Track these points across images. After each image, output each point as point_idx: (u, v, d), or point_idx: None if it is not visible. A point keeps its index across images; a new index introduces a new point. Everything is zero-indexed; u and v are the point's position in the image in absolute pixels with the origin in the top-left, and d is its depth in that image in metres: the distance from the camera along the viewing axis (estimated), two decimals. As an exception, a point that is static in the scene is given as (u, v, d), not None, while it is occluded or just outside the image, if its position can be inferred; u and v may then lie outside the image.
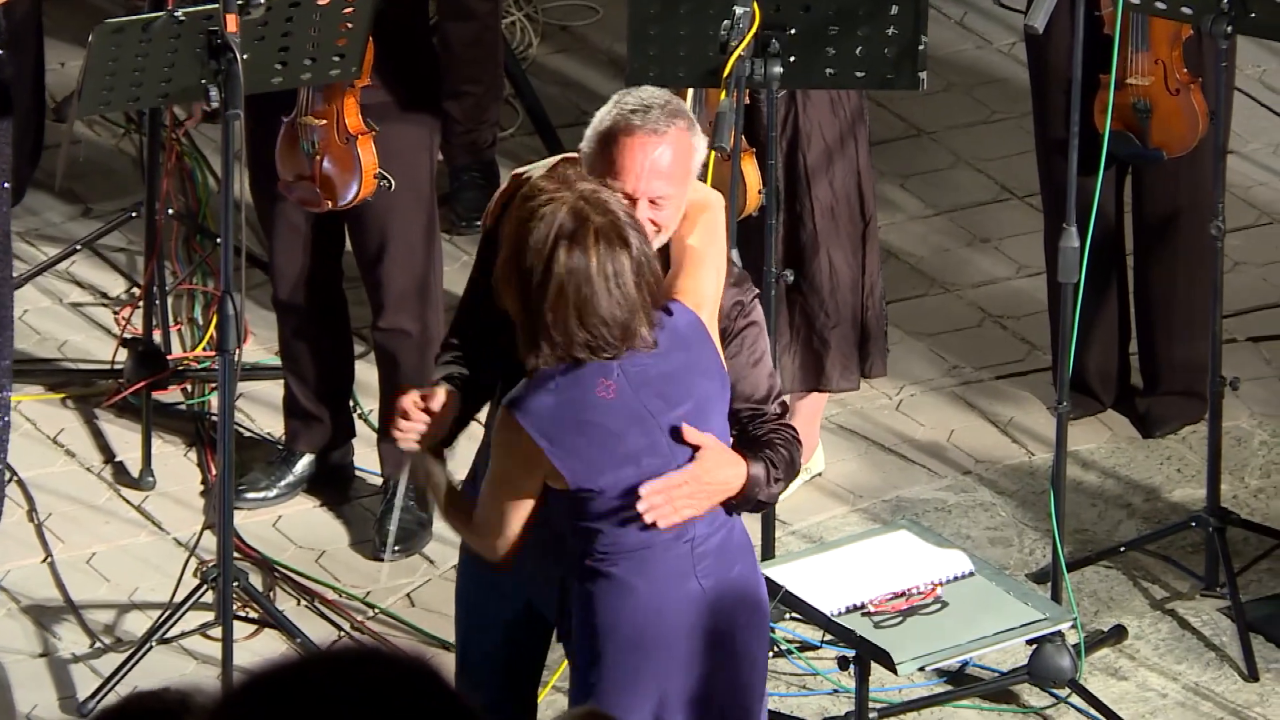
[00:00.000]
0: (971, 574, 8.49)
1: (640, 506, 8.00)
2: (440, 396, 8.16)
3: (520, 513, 8.05)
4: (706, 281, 8.32)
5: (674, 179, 8.25)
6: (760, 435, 8.24)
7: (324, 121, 9.27)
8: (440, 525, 9.59)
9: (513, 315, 7.94)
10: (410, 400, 8.14)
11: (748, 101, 9.15)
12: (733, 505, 8.29)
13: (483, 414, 8.23)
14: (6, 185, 9.43)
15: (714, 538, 8.30)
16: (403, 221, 9.59)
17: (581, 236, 7.76)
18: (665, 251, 8.64)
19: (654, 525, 8.11)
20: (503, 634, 8.57)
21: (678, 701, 8.21)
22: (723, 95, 8.96)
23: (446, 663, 7.75)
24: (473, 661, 8.61)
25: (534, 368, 7.98)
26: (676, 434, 8.12)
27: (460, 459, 8.62)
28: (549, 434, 7.91)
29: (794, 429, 8.19)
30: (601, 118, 8.42)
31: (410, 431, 8.09)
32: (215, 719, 3.69)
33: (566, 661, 8.49)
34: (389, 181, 9.21)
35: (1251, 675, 9.36)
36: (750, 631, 8.42)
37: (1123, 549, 9.68)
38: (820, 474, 9.84)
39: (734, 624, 8.38)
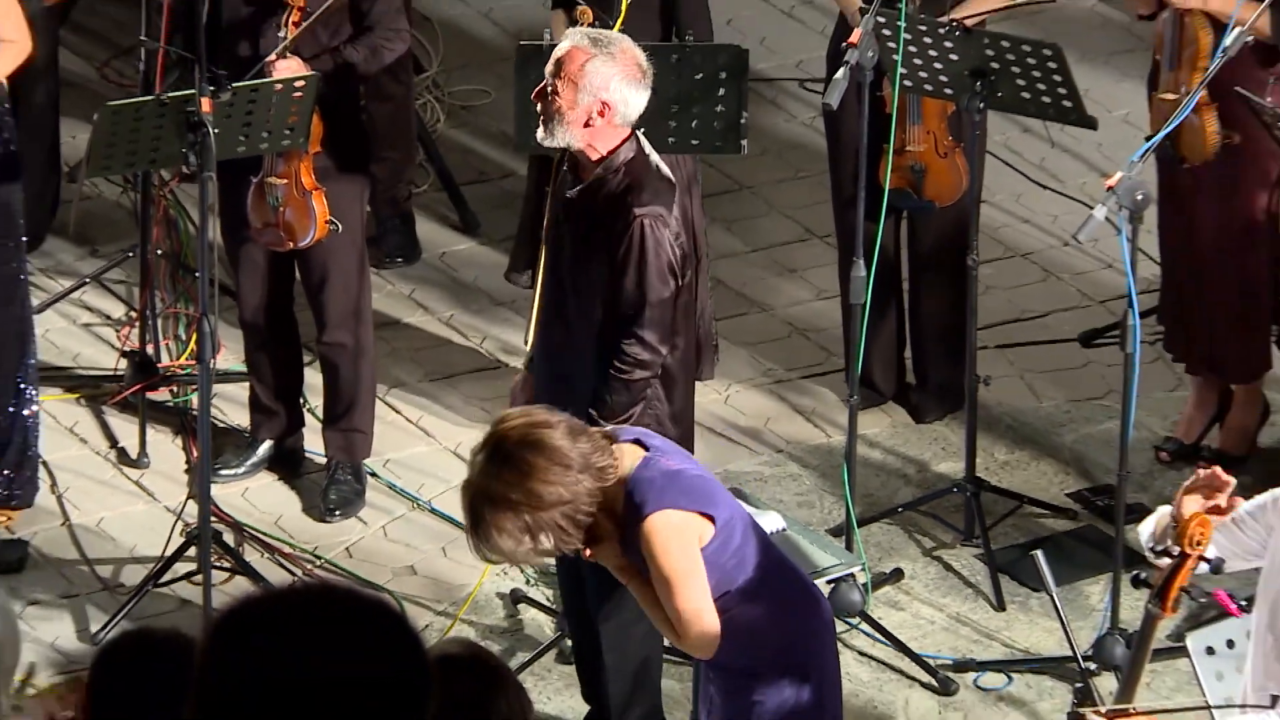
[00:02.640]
0: (784, 530, 8.51)
1: None
2: None
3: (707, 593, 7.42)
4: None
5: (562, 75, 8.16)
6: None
7: (285, 180, 9.22)
8: (372, 494, 9.78)
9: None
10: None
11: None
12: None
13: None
14: (24, 239, 9.48)
15: None
16: (341, 258, 9.53)
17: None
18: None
19: None
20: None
21: None
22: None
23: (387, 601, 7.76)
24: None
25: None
26: None
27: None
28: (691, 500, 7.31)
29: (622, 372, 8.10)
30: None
31: None
32: (213, 633, 3.56)
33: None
34: (337, 225, 9.19)
35: (1000, 606, 9.42)
36: None
37: (900, 509, 9.74)
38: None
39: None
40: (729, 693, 7.69)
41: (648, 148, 8.43)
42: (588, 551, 7.31)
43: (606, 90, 8.06)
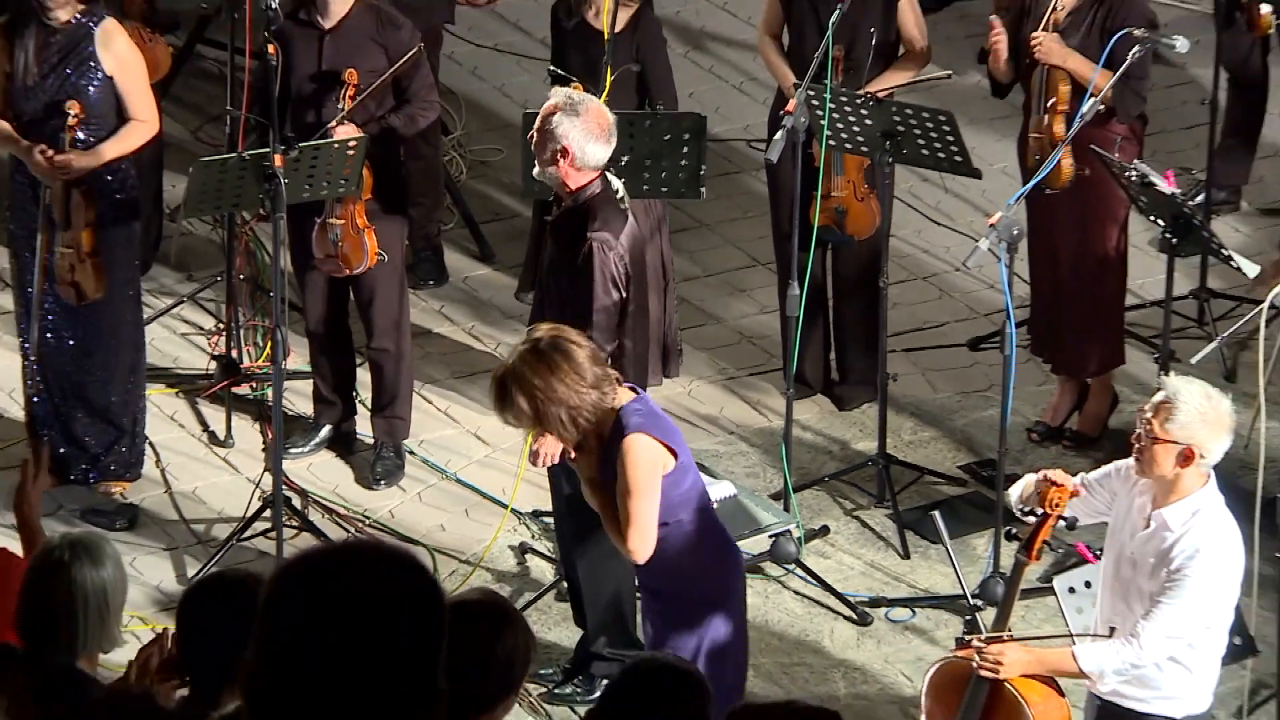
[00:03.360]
0: (735, 495, 8.64)
1: None
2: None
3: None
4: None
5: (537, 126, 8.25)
6: None
7: (342, 221, 9.20)
8: (410, 468, 9.77)
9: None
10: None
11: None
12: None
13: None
14: (138, 272, 9.52)
15: None
16: (385, 282, 9.48)
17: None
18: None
19: None
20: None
21: None
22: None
23: (421, 554, 7.83)
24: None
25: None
26: None
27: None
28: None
29: None
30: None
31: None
32: (278, 578, 3.53)
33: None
34: (384, 256, 9.19)
35: (905, 555, 9.42)
36: None
37: (826, 479, 9.73)
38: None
39: None
40: (659, 618, 7.69)
41: (616, 185, 8.44)
42: (574, 454, 7.39)
43: (567, 139, 8.10)
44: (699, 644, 7.50)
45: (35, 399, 9.33)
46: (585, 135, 8.16)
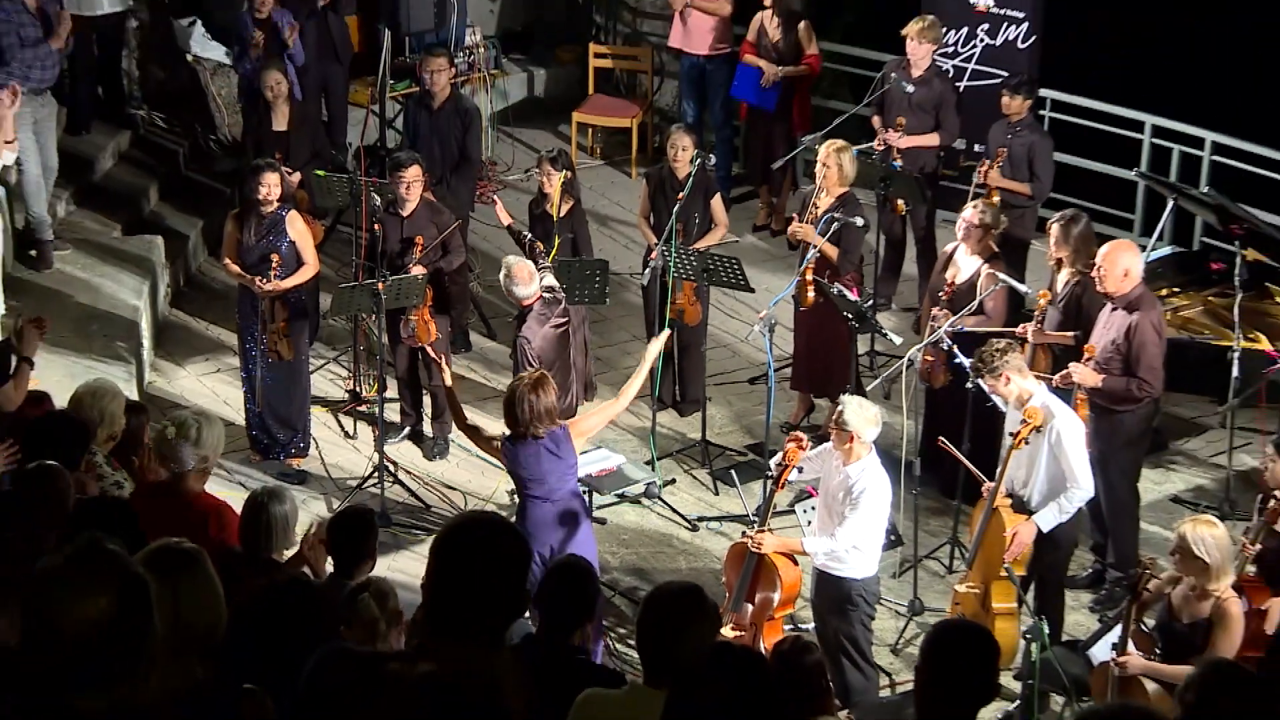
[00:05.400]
0: (622, 463, 8.65)
1: None
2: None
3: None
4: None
5: None
6: None
7: (415, 318, 9.15)
8: (452, 450, 9.57)
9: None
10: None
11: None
12: None
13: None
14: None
15: None
16: (440, 349, 9.31)
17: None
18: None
19: None
20: None
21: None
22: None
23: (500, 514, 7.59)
24: None
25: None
26: None
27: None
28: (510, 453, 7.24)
29: None
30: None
31: None
32: (444, 532, 3.39)
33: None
34: (439, 338, 9.12)
35: (716, 493, 9.28)
36: None
37: (674, 453, 9.55)
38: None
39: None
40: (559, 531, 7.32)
41: (553, 284, 8.68)
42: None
43: (507, 285, 8.45)
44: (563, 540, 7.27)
45: (250, 413, 9.29)
46: (514, 281, 8.47)
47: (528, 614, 5.22)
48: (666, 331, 8.63)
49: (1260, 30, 12.31)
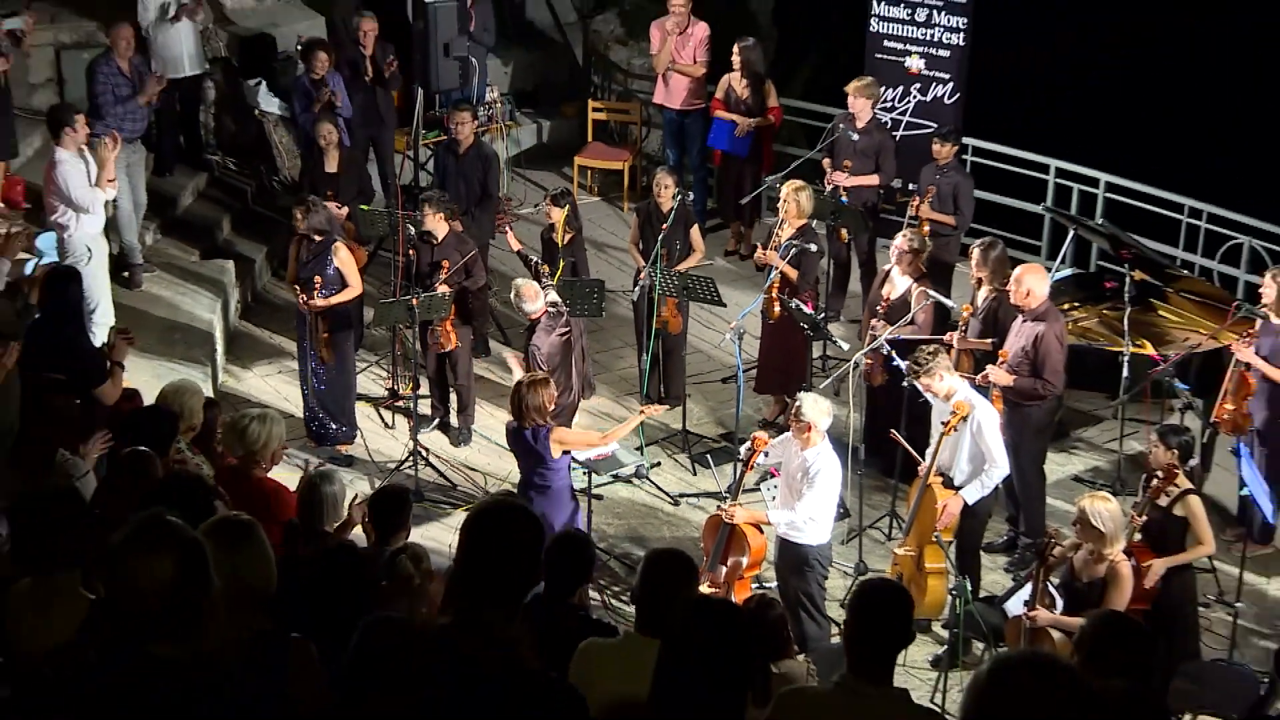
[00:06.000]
0: (616, 449, 8.43)
1: None
2: None
3: None
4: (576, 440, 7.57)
5: None
6: None
7: (441, 327, 9.12)
8: (475, 439, 9.53)
9: None
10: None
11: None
12: None
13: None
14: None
15: None
16: (462, 355, 9.35)
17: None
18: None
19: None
20: None
21: None
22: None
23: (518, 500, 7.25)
24: None
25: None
26: None
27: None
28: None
29: None
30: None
31: None
32: (473, 514, 3.28)
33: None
34: (460, 345, 9.13)
35: (694, 473, 9.15)
36: None
37: (659, 441, 9.50)
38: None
39: None
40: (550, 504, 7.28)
41: (555, 299, 8.64)
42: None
43: (517, 299, 8.43)
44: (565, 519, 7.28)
45: (307, 406, 9.24)
46: (523, 300, 8.48)
47: None
48: (648, 409, 8.15)
49: (1142, 87, 13.04)
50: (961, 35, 10.91)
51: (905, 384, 7.83)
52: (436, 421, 9.63)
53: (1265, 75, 12.89)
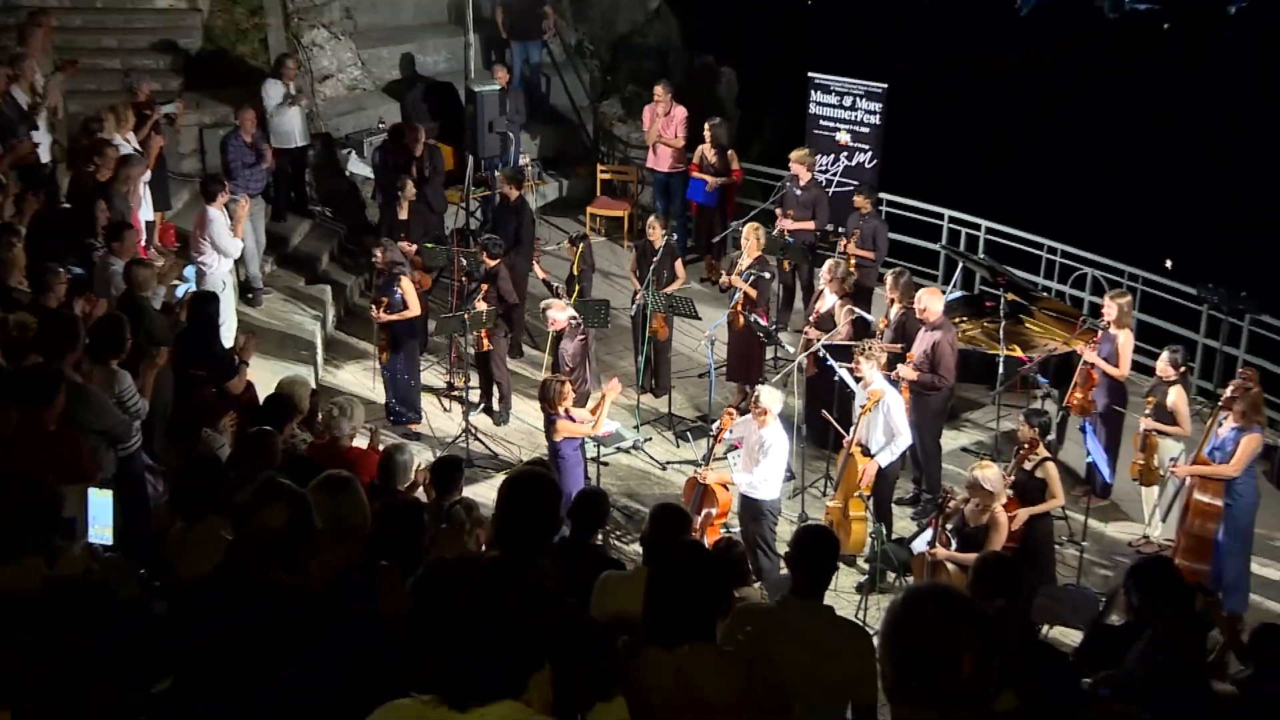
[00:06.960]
0: (618, 426, 8.51)
1: None
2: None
3: None
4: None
5: None
6: None
7: (480, 334, 8.99)
8: (514, 421, 9.36)
9: None
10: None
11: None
12: None
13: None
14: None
15: None
16: (499, 355, 9.23)
17: None
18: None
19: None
20: None
21: None
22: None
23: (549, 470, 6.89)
24: None
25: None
26: None
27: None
28: None
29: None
30: None
31: None
32: (509, 480, 3.20)
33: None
34: (495, 349, 8.99)
35: (678, 446, 9.11)
36: None
37: (651, 421, 9.33)
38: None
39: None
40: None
41: (576, 319, 8.46)
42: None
43: (547, 313, 8.23)
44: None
45: (386, 394, 9.13)
46: (552, 313, 8.35)
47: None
48: (608, 387, 7.58)
49: (1014, 152, 14.19)
50: (878, 116, 11.25)
51: (835, 378, 7.84)
52: (482, 406, 9.40)
53: (1112, 142, 13.78)
